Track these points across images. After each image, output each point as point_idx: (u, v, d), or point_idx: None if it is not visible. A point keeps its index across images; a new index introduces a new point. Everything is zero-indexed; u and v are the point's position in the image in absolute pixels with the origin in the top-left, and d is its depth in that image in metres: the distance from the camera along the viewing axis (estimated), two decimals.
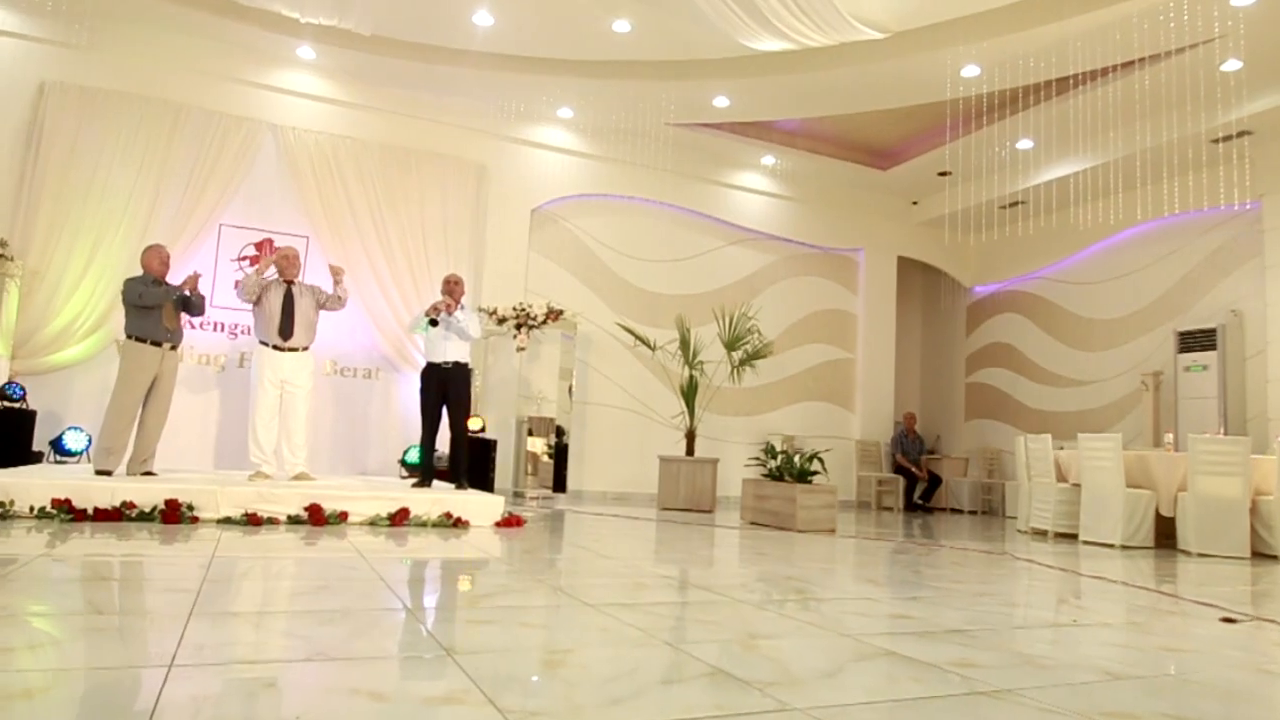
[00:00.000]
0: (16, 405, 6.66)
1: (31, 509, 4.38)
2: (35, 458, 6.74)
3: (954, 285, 12.62)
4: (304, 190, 8.49)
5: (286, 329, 5.91)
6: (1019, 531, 8.00)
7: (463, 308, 6.30)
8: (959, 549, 5.94)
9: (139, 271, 5.86)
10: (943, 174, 10.72)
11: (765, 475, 7.54)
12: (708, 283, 10.61)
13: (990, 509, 11.34)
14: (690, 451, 8.75)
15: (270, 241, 8.41)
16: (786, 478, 7.21)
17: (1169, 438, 7.67)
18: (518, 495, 8.90)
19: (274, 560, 3.60)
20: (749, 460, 7.76)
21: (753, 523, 7.35)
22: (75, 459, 6.82)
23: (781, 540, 5.88)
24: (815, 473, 7.17)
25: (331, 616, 2.47)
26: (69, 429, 6.91)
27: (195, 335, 8.00)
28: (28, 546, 3.53)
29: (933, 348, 13.21)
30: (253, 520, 4.73)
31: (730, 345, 9.08)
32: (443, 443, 6.76)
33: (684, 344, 8.99)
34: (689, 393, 8.90)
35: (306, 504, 4.93)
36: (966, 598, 3.55)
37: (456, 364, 6.23)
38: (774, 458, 7.47)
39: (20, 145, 7.67)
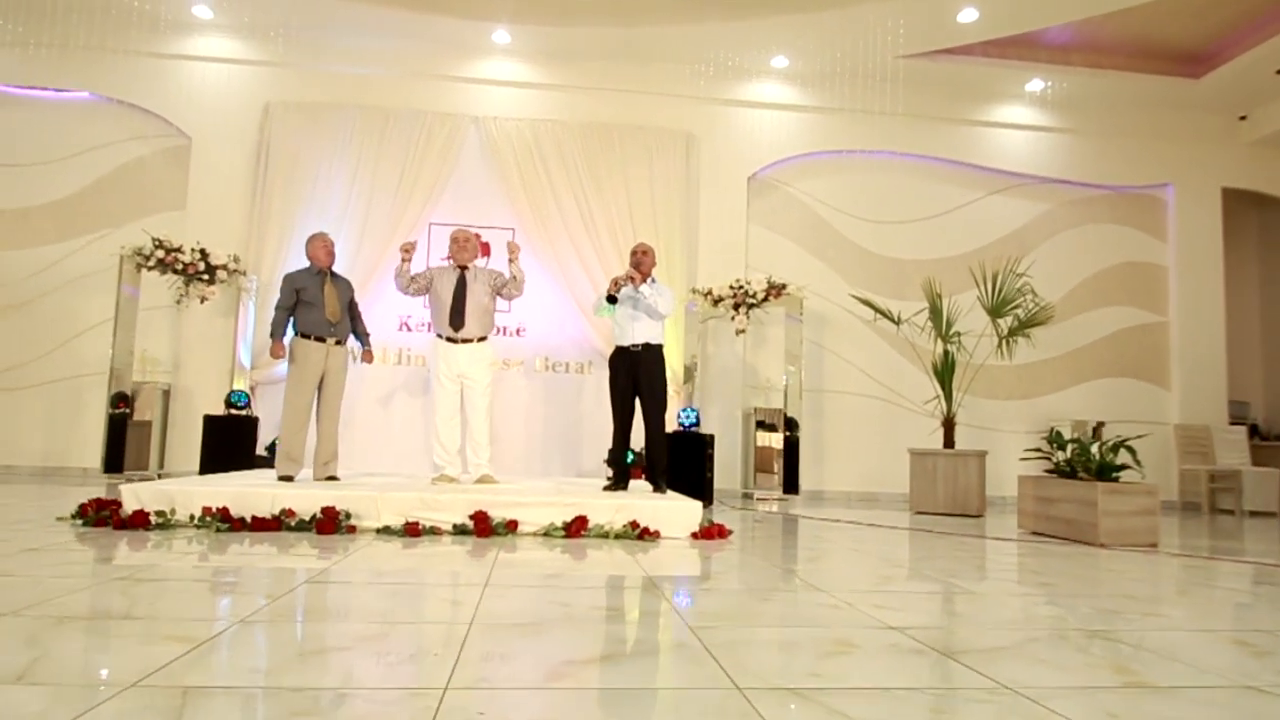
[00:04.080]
0: (241, 413, 6.82)
1: (191, 517, 4.13)
2: (260, 462, 6.88)
3: None
4: (507, 180, 8.17)
5: (457, 319, 5.38)
6: None
7: (653, 280, 5.42)
8: None
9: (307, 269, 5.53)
10: None
11: (1050, 471, 5.86)
12: (963, 242, 8.89)
13: None
14: (949, 443, 7.20)
15: (476, 236, 8.13)
16: (1082, 474, 5.51)
17: None
18: (746, 497, 7.88)
19: (376, 588, 2.90)
20: (1027, 452, 6.10)
21: (1035, 533, 5.73)
22: None
23: (1078, 560, 4.32)
24: (1124, 467, 5.39)
25: (324, 700, 1.62)
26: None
27: (404, 337, 7.98)
28: (139, 560, 3.13)
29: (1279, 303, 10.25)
30: (410, 530, 4.16)
31: (996, 311, 7.40)
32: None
33: (935, 314, 7.45)
34: (944, 372, 7.35)
35: (472, 511, 4.29)
36: None
37: (646, 346, 5.33)
38: (1062, 448, 5.76)
39: (251, 164, 8.04)
